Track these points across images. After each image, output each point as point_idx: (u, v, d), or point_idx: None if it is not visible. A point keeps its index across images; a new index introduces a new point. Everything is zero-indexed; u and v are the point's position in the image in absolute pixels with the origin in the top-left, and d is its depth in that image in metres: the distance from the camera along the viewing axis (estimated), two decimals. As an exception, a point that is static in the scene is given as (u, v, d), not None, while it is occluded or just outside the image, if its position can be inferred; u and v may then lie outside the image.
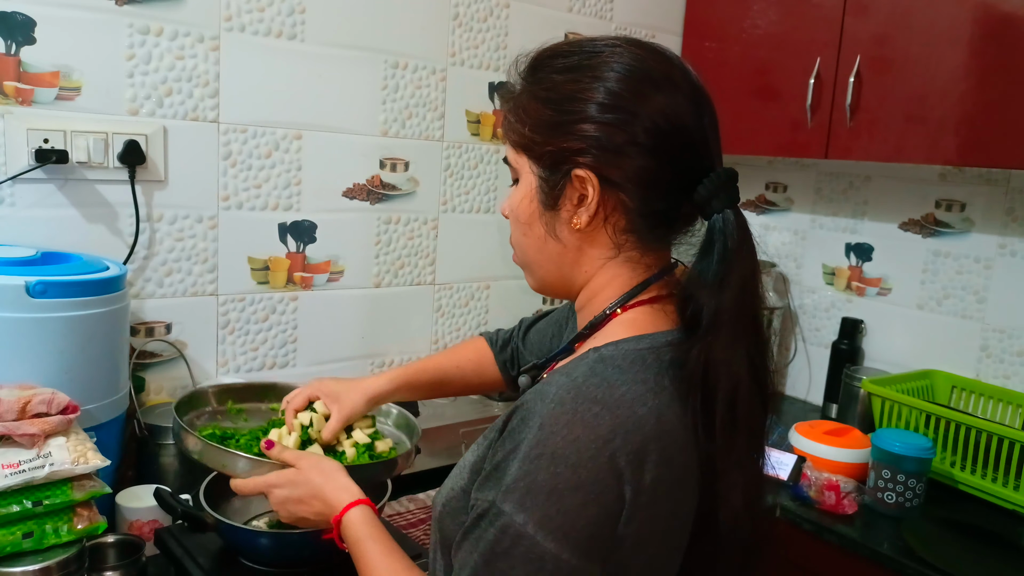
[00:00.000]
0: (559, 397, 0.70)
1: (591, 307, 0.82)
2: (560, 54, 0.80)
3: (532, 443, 0.68)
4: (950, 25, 1.58)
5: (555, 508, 0.67)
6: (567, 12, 1.95)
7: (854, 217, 2.07)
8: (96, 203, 1.39)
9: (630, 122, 0.74)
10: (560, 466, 0.67)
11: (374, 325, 1.77)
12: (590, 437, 0.68)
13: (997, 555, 1.41)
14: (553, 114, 0.77)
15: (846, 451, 1.61)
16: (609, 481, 0.67)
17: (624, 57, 0.77)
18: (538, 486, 0.67)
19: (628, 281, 0.80)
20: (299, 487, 0.98)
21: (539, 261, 0.83)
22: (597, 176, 0.75)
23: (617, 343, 0.75)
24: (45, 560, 0.97)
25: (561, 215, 0.79)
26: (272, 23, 1.52)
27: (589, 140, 0.75)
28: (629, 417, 0.69)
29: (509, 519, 0.67)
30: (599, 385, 0.70)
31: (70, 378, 1.12)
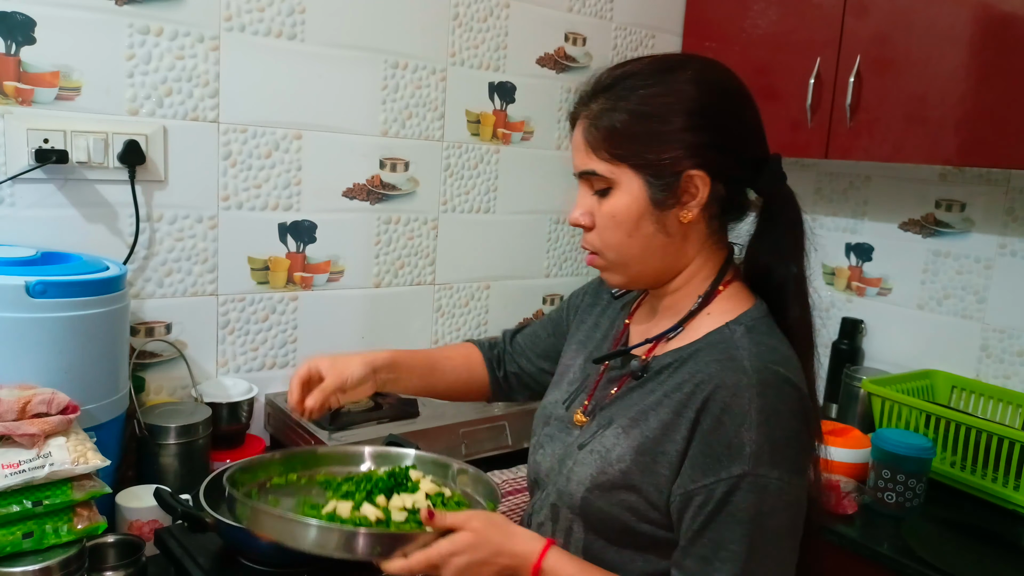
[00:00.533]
0: (755, 367, 0.85)
1: (690, 286, 0.95)
2: (635, 74, 0.91)
3: (759, 408, 0.82)
4: (950, 25, 1.58)
5: (794, 452, 0.84)
6: (567, 12, 1.95)
7: (854, 217, 2.07)
8: (96, 203, 1.39)
9: (721, 126, 0.89)
10: (785, 419, 0.83)
11: (374, 325, 1.77)
12: (789, 390, 0.84)
13: (997, 555, 1.41)
14: (657, 125, 0.88)
15: (846, 451, 1.61)
16: (807, 418, 0.86)
17: (691, 69, 0.90)
18: (777, 441, 0.82)
19: (718, 261, 0.96)
20: (480, 549, 0.89)
21: (642, 257, 0.93)
22: (708, 174, 0.88)
23: (748, 313, 0.92)
24: (45, 560, 0.97)
25: (671, 212, 0.90)
26: (272, 23, 1.52)
27: (695, 146, 0.88)
28: (796, 369, 0.87)
29: (766, 479, 0.81)
30: (769, 351, 0.87)
31: (70, 378, 1.12)
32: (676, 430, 0.87)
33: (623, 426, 0.92)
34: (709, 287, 0.94)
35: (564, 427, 1.02)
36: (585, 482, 0.93)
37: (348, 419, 1.50)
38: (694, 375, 0.88)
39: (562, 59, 1.96)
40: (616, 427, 0.93)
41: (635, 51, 2.09)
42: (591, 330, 1.10)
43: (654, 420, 0.89)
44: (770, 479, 0.81)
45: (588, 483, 0.92)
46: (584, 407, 1.01)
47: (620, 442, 0.91)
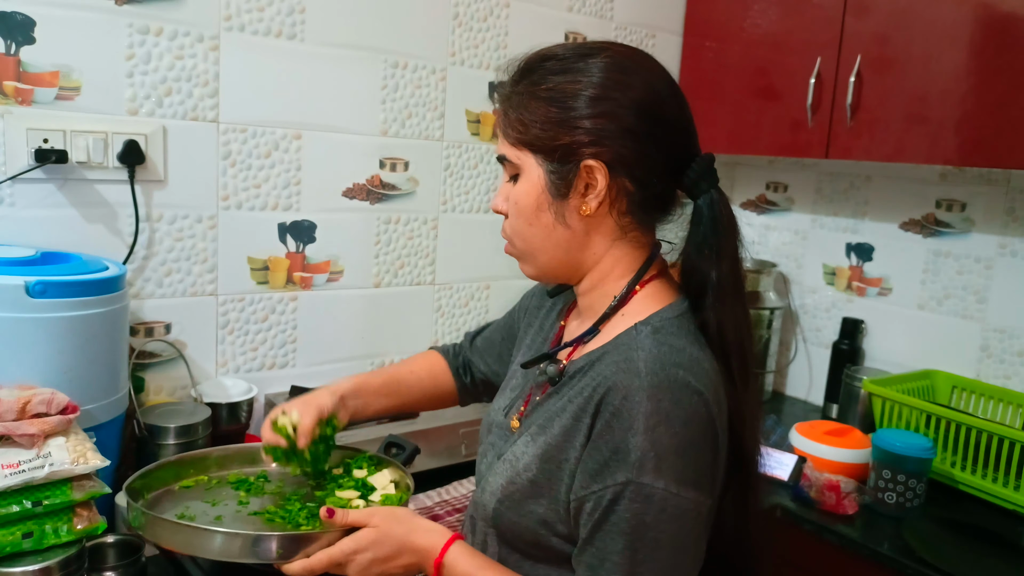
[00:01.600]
0: (650, 369, 0.80)
1: (604, 286, 0.91)
2: (553, 56, 0.88)
3: (647, 414, 0.78)
4: (950, 25, 1.58)
5: (683, 463, 0.78)
6: (567, 12, 1.95)
7: (855, 217, 2.07)
8: (96, 203, 1.39)
9: (629, 115, 0.84)
10: (676, 426, 0.78)
11: (374, 325, 1.77)
12: (688, 395, 0.79)
13: (997, 555, 1.41)
14: (558, 111, 0.85)
15: (846, 451, 1.61)
16: (710, 427, 0.80)
17: (609, 56, 0.86)
18: (666, 450, 0.77)
19: (635, 260, 0.90)
20: (383, 545, 0.90)
21: (545, 248, 0.90)
22: (605, 164, 0.84)
23: (659, 314, 0.87)
24: (45, 560, 0.97)
25: (570, 203, 0.87)
26: (272, 23, 1.52)
27: (595, 132, 0.84)
28: (703, 373, 0.82)
29: (651, 488, 0.77)
30: (671, 352, 0.82)
31: (70, 378, 1.12)
32: (576, 436, 0.84)
33: (532, 433, 0.90)
34: (625, 287, 0.89)
35: (503, 435, 0.98)
36: (496, 492, 0.90)
37: (348, 419, 1.49)
38: (595, 379, 0.84)
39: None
40: (527, 435, 0.91)
41: (635, 51, 2.09)
42: (536, 333, 1.08)
43: (557, 426, 0.86)
44: (655, 488, 0.77)
45: (499, 493, 0.90)
46: (520, 413, 0.97)
47: (528, 450, 0.89)
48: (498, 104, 0.91)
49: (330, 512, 0.92)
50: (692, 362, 0.82)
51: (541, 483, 0.86)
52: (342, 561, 0.90)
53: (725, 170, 2.34)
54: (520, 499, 0.88)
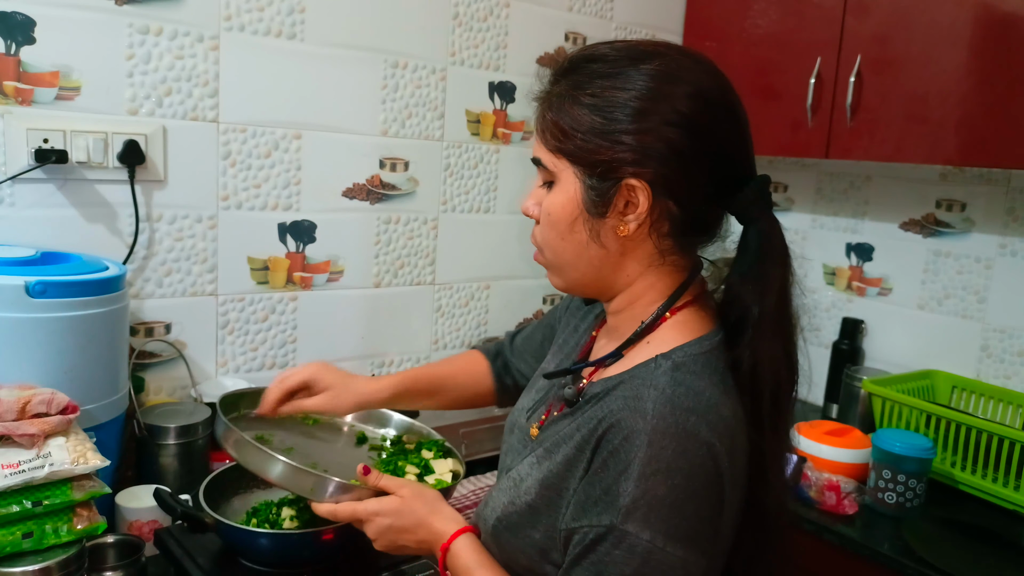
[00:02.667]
0: (658, 412, 0.74)
1: (633, 310, 0.85)
2: (602, 58, 0.80)
3: (644, 460, 0.72)
4: (950, 25, 1.58)
5: (679, 518, 0.71)
6: (567, 12, 1.95)
7: (855, 217, 2.07)
8: (96, 203, 1.39)
9: (676, 131, 0.76)
10: (676, 478, 0.71)
11: (374, 325, 1.77)
12: (695, 445, 0.72)
13: (997, 555, 1.41)
14: (602, 121, 0.77)
15: (846, 451, 1.61)
16: (716, 482, 0.73)
17: (666, 63, 0.78)
18: (659, 501, 0.71)
19: (670, 284, 0.84)
20: (404, 516, 0.92)
21: (576, 265, 0.84)
22: (649, 185, 0.77)
23: (683, 348, 0.80)
24: (45, 560, 0.97)
25: (607, 222, 0.80)
26: (272, 23, 1.52)
27: (640, 150, 0.76)
28: (719, 421, 0.75)
29: (635, 538, 0.71)
30: (687, 395, 0.75)
31: (70, 378, 1.12)
32: (577, 467, 0.79)
33: (538, 455, 0.86)
34: (655, 313, 0.83)
35: (523, 439, 0.96)
36: (497, 510, 0.88)
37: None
38: (604, 410, 0.79)
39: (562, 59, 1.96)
40: (533, 456, 0.87)
41: (635, 51, 2.09)
42: (569, 336, 1.04)
43: (561, 454, 0.82)
44: (639, 539, 0.70)
45: (499, 511, 0.87)
46: (540, 422, 0.93)
47: (532, 472, 0.85)
48: (536, 102, 0.84)
49: (366, 470, 0.95)
50: (708, 408, 0.75)
51: (540, 509, 0.82)
52: (363, 519, 0.93)
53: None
54: (518, 522, 0.85)
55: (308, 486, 0.97)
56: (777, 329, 0.81)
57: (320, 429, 1.26)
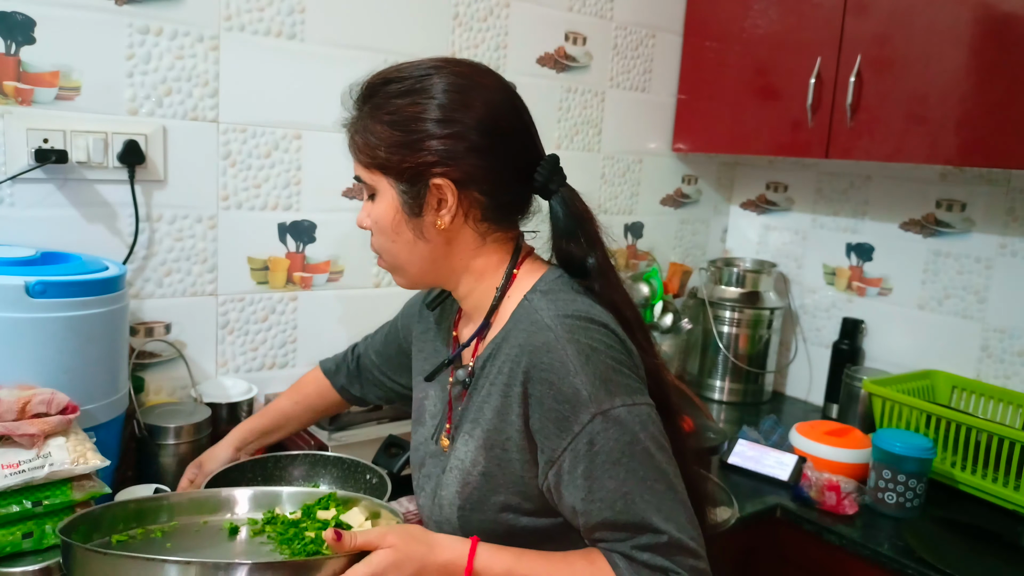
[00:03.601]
0: (555, 319, 0.86)
1: (482, 286, 0.96)
2: (392, 80, 0.92)
3: (573, 358, 0.83)
4: (950, 25, 1.58)
5: (622, 378, 0.85)
6: (567, 11, 1.95)
7: (855, 217, 2.07)
8: (96, 203, 1.39)
9: (466, 131, 0.88)
10: (601, 355, 0.84)
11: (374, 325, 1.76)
12: (595, 327, 0.86)
13: (997, 555, 1.41)
14: (402, 135, 0.88)
15: (847, 451, 1.61)
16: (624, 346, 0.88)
17: (448, 76, 0.89)
18: (606, 375, 0.83)
19: (504, 255, 0.95)
20: (404, 567, 0.82)
21: (411, 261, 0.95)
22: (452, 181, 0.88)
23: (541, 279, 0.93)
24: (45, 560, 0.97)
25: (425, 219, 0.91)
26: (272, 23, 1.52)
27: (441, 152, 0.88)
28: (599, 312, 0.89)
29: (614, 411, 0.82)
30: (566, 302, 0.89)
31: (70, 378, 1.12)
32: (510, 411, 0.87)
33: (467, 431, 0.93)
34: (503, 278, 0.94)
35: (437, 460, 1.00)
36: (455, 501, 0.92)
37: (348, 419, 1.50)
38: (509, 353, 0.89)
39: (562, 59, 1.96)
40: (463, 435, 0.93)
41: (635, 51, 2.09)
42: (424, 345, 1.11)
43: (488, 411, 0.90)
44: (617, 409, 0.82)
45: (458, 501, 0.91)
46: (447, 431, 0.99)
47: (469, 446, 0.91)
48: (346, 127, 0.95)
49: (337, 535, 0.82)
50: (587, 306, 0.89)
51: (493, 472, 0.89)
52: None
53: (725, 170, 2.34)
54: (479, 497, 0.90)
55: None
56: (614, 273, 0.94)
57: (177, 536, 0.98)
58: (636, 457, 0.82)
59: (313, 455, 1.33)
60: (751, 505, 1.51)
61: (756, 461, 1.64)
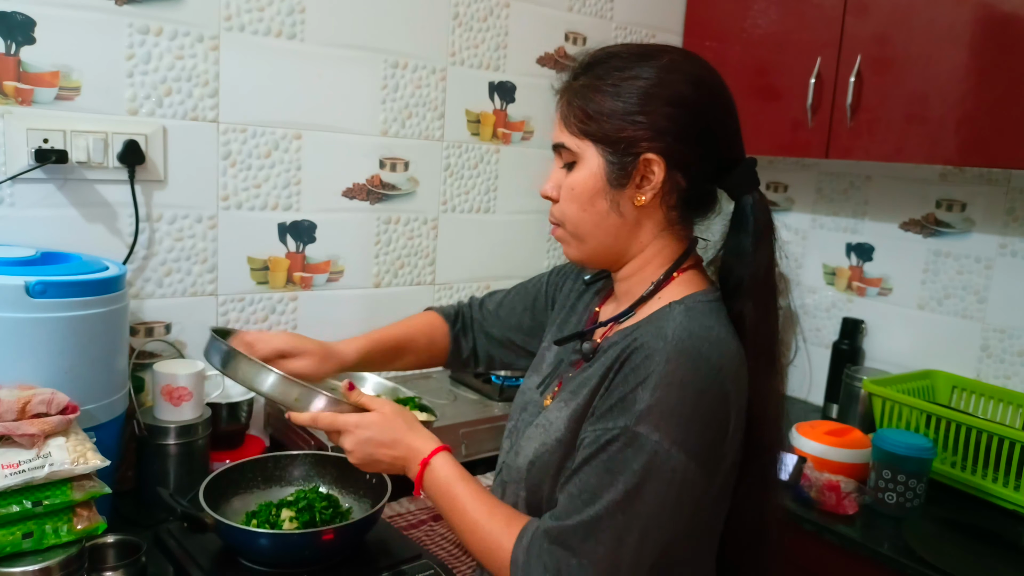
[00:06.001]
0: (677, 336, 0.84)
1: (644, 273, 0.95)
2: (617, 55, 0.92)
3: (662, 374, 0.81)
4: (950, 25, 1.58)
5: (686, 428, 0.81)
6: (567, 12, 1.95)
7: (855, 217, 2.07)
8: (96, 203, 1.39)
9: (692, 118, 0.89)
10: (688, 391, 0.81)
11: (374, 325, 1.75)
12: (708, 368, 0.83)
13: (997, 555, 1.41)
14: (624, 105, 0.89)
15: (847, 451, 1.61)
16: (722, 405, 0.84)
17: (674, 59, 0.91)
18: (670, 409, 0.81)
19: (675, 251, 0.95)
20: (383, 431, 0.97)
21: (595, 233, 0.94)
22: (664, 159, 0.88)
23: (692, 296, 0.91)
24: (45, 560, 0.97)
25: (625, 193, 0.91)
26: (272, 23, 1.52)
27: (656, 128, 0.88)
28: (728, 351, 0.86)
29: (645, 438, 0.80)
30: (701, 327, 0.86)
31: (70, 378, 1.12)
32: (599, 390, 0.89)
33: (564, 399, 0.95)
34: (663, 274, 0.94)
35: (534, 411, 1.03)
36: (529, 455, 0.95)
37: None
38: (625, 344, 0.89)
39: (562, 59, 1.96)
40: (559, 401, 0.95)
41: (635, 51, 2.09)
42: (568, 315, 1.12)
43: (586, 391, 0.91)
44: (649, 439, 0.80)
45: (532, 456, 0.94)
46: (554, 393, 1.01)
47: (560, 414, 0.93)
48: (560, 95, 0.96)
49: (351, 386, 1.02)
50: (719, 340, 0.86)
51: (568, 441, 0.91)
52: (343, 429, 0.97)
53: (725, 170, 2.34)
54: (549, 460, 0.92)
55: (293, 396, 0.99)
56: (768, 293, 0.92)
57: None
58: (625, 483, 0.81)
59: (313, 455, 1.33)
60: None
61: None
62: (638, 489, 0.80)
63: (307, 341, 1.17)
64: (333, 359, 1.17)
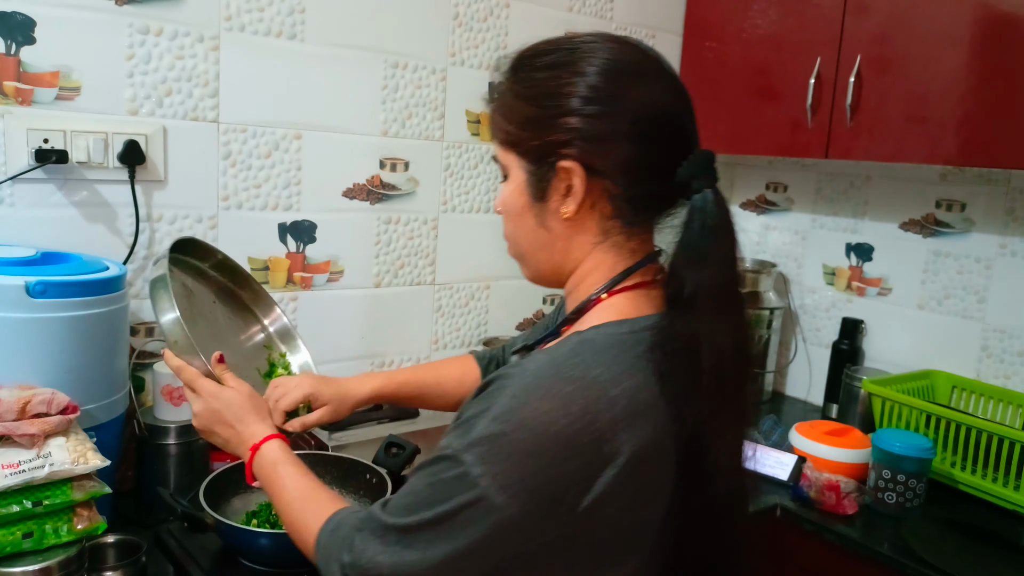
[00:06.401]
0: (537, 371, 0.74)
1: (578, 292, 0.85)
2: (540, 52, 0.83)
3: (503, 408, 0.72)
4: (950, 25, 1.58)
5: (512, 469, 0.71)
6: (567, 12, 1.95)
7: (854, 217, 2.07)
8: (96, 203, 1.39)
9: (611, 113, 0.78)
10: (524, 433, 0.71)
11: (374, 325, 1.77)
12: (559, 412, 0.71)
13: (997, 555, 1.41)
14: (536, 110, 0.80)
15: (846, 451, 1.61)
16: (570, 456, 0.71)
17: (601, 52, 0.80)
18: (500, 447, 0.71)
19: (613, 267, 0.83)
20: (230, 411, 1.00)
21: (531, 251, 0.87)
22: (582, 166, 0.79)
23: (599, 327, 0.78)
24: (45, 560, 0.97)
25: (549, 206, 0.82)
26: (272, 23, 1.52)
27: (572, 132, 0.78)
28: (600, 397, 0.72)
29: (468, 468, 0.71)
30: (577, 365, 0.73)
31: (70, 378, 1.12)
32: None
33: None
34: (592, 294, 0.82)
35: None
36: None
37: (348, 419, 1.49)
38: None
39: (562, 59, 1.96)
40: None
41: (635, 51, 2.09)
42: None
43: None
44: (472, 471, 0.71)
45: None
46: None
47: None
48: (487, 103, 0.88)
49: (221, 359, 1.05)
50: (593, 383, 0.72)
51: None
52: (198, 392, 1.02)
53: (725, 170, 2.34)
54: None
55: (174, 339, 1.04)
56: (718, 302, 0.77)
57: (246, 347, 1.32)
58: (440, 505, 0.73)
59: (313, 455, 1.33)
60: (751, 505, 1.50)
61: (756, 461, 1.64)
62: (450, 517, 0.72)
63: (325, 389, 1.17)
64: (347, 402, 1.19)
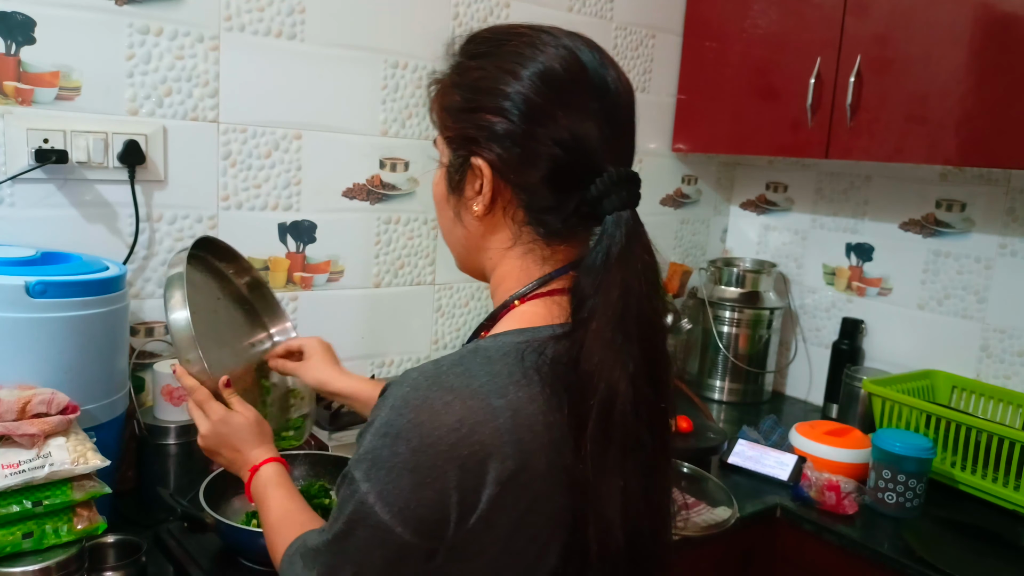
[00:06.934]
0: (416, 382, 0.70)
1: (497, 295, 0.81)
2: (483, 40, 0.80)
3: (383, 420, 0.70)
4: (950, 25, 1.58)
5: (393, 484, 0.68)
6: (567, 12, 1.95)
7: (854, 217, 2.07)
8: (96, 203, 1.39)
9: (533, 129, 0.73)
10: (401, 446, 0.68)
11: (374, 325, 1.77)
12: (434, 424, 0.67)
13: (997, 555, 1.41)
14: (461, 100, 0.78)
15: (846, 451, 1.61)
16: (448, 469, 0.67)
17: (543, 57, 0.76)
18: (380, 461, 0.69)
19: (528, 274, 0.78)
20: (237, 436, 1.03)
21: (451, 244, 0.86)
22: (492, 169, 0.76)
23: (498, 335, 0.74)
24: (45, 560, 0.97)
25: (465, 201, 0.80)
26: (272, 23, 1.52)
27: (488, 131, 0.75)
28: (481, 408, 0.68)
29: (357, 484, 0.71)
30: (460, 375, 0.70)
31: (70, 378, 1.12)
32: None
33: None
34: (506, 300, 0.79)
35: None
36: None
37: (348, 419, 1.50)
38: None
39: (562, 59, 1.96)
40: None
41: (635, 51, 2.09)
42: None
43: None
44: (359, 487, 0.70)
45: None
46: None
47: None
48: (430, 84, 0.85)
49: (228, 383, 1.06)
50: (475, 394, 0.68)
51: None
52: (206, 414, 1.04)
53: (725, 170, 2.34)
54: None
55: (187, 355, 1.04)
56: (617, 335, 0.70)
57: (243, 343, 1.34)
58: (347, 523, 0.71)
59: (313, 455, 1.33)
60: (751, 505, 1.51)
61: (756, 461, 1.64)
62: (346, 535, 0.71)
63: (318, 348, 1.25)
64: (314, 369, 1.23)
